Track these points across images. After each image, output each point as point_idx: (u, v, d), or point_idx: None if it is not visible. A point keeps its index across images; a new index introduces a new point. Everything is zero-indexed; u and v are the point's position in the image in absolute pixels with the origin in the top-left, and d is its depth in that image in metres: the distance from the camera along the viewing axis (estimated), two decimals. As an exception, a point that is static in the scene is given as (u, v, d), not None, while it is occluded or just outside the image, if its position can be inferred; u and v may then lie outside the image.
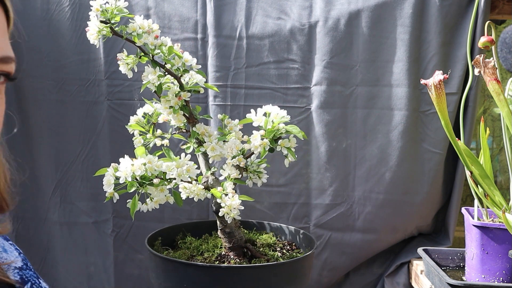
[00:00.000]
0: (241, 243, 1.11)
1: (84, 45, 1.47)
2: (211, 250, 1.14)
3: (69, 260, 1.54)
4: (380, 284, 1.57)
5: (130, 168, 0.97)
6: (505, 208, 1.04)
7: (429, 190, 1.50)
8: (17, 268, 0.59)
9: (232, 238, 1.10)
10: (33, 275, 0.61)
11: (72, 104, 1.49)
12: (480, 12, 1.40)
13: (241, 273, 1.01)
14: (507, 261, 1.11)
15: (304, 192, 1.52)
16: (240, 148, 1.09)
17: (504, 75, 1.60)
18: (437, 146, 1.48)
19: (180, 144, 1.51)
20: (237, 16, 1.47)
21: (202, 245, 1.16)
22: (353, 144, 1.50)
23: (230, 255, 1.10)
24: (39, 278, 0.63)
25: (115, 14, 1.03)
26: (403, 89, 1.46)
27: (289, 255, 1.14)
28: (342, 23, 1.45)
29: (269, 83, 1.48)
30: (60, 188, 1.52)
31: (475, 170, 1.09)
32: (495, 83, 1.01)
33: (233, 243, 1.10)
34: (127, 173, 0.97)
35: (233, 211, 1.03)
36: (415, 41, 1.44)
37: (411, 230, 1.55)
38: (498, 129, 1.75)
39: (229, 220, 1.04)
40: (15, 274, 0.59)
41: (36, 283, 0.61)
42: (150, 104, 1.16)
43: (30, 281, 0.59)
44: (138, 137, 1.17)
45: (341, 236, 1.53)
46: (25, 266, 0.61)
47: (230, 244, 1.10)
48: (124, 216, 1.53)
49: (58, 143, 1.51)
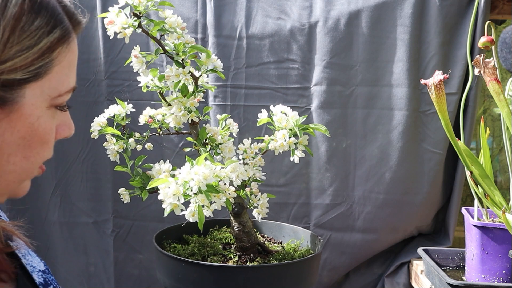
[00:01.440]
0: (256, 241, 1.12)
1: (84, 45, 1.47)
2: (221, 249, 1.14)
3: (69, 260, 1.54)
4: (380, 284, 1.57)
5: (202, 176, 0.91)
6: (505, 208, 1.04)
7: (429, 190, 1.50)
8: (41, 271, 0.62)
9: (250, 237, 1.10)
10: (54, 280, 0.64)
11: (72, 104, 1.48)
12: (480, 12, 1.40)
13: (259, 271, 1.01)
14: (507, 261, 1.11)
15: (304, 192, 1.52)
16: (258, 148, 1.10)
17: (504, 75, 1.60)
18: (437, 146, 1.48)
19: (180, 144, 1.52)
20: (237, 16, 1.47)
21: (208, 244, 1.16)
22: (353, 144, 1.50)
23: (249, 254, 1.10)
24: (58, 284, 0.66)
25: (146, 8, 0.96)
26: (403, 89, 1.46)
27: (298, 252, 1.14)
28: (342, 23, 1.45)
29: (269, 83, 1.48)
30: (60, 188, 1.52)
31: (475, 170, 1.09)
32: (495, 83, 1.01)
33: (250, 242, 1.10)
34: (200, 182, 0.88)
35: (264, 210, 1.07)
36: (415, 41, 1.44)
37: (411, 230, 1.55)
38: (498, 129, 1.75)
39: (259, 219, 1.07)
40: (39, 276, 0.61)
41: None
42: (122, 104, 1.08)
43: (52, 284, 0.62)
44: (111, 141, 1.07)
45: (341, 236, 1.53)
46: (48, 271, 0.63)
47: (248, 243, 1.10)
48: (124, 216, 1.53)
49: (58, 143, 1.50)
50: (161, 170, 1.08)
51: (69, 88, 0.60)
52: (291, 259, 1.10)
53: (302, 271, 1.05)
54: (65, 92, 0.59)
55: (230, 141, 1.10)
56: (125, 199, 1.09)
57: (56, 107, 0.60)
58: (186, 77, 1.01)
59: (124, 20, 0.97)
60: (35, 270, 0.61)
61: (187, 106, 1.05)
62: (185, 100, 1.04)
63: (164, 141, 1.50)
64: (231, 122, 1.14)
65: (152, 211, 1.52)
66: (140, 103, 1.46)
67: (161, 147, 1.49)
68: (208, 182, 0.89)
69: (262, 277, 1.00)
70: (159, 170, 1.08)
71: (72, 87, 0.61)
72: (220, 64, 1.05)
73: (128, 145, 1.07)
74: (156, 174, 1.07)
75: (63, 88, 0.59)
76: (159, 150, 1.49)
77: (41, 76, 0.55)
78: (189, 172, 0.89)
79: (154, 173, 1.07)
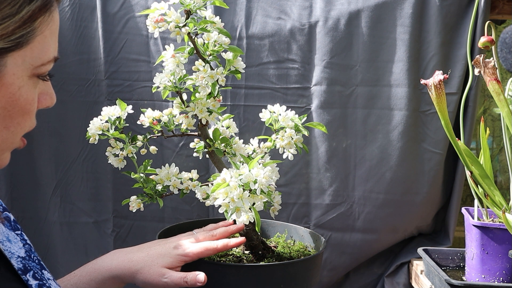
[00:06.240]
0: (260, 239, 1.12)
1: (84, 45, 1.47)
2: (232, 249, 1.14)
3: (69, 260, 1.54)
4: (380, 284, 1.57)
5: (264, 177, 0.88)
6: (505, 208, 1.04)
7: (429, 190, 1.50)
8: (20, 257, 0.62)
9: (258, 236, 1.10)
10: (36, 266, 0.63)
11: (72, 104, 1.49)
12: (480, 12, 1.40)
13: (270, 269, 1.01)
14: (507, 261, 1.11)
15: (304, 192, 1.52)
16: (265, 147, 1.10)
17: (504, 75, 1.60)
18: (437, 146, 1.48)
19: (180, 144, 1.52)
20: (237, 16, 1.47)
21: None
22: (353, 144, 1.50)
23: (257, 252, 1.10)
24: (43, 269, 0.65)
25: (197, 6, 0.91)
26: (403, 89, 1.46)
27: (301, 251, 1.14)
28: (342, 23, 1.45)
29: (269, 83, 1.49)
30: (60, 188, 1.52)
31: (475, 170, 1.09)
32: (495, 83, 1.01)
33: (258, 240, 1.10)
34: (262, 183, 0.88)
35: (277, 207, 1.08)
36: (415, 41, 1.44)
37: (411, 230, 1.55)
38: (498, 129, 1.75)
39: (273, 216, 1.09)
40: (18, 262, 0.61)
41: (38, 273, 0.63)
42: (122, 105, 1.02)
43: (33, 270, 0.62)
44: (117, 146, 1.02)
45: (341, 236, 1.53)
46: (28, 257, 0.63)
47: (256, 241, 1.10)
48: (124, 216, 1.53)
49: (58, 143, 1.51)
50: (169, 174, 1.07)
51: (51, 57, 0.60)
52: (295, 257, 1.09)
53: (309, 268, 1.05)
54: (48, 62, 0.59)
55: (240, 141, 1.09)
56: (134, 208, 1.05)
57: (38, 76, 0.59)
58: (221, 78, 0.98)
59: (178, 18, 0.93)
60: (14, 256, 0.61)
61: (209, 107, 1.01)
62: (208, 101, 1.01)
63: (164, 141, 1.50)
64: (231, 122, 1.14)
65: (152, 211, 1.52)
66: (140, 103, 1.47)
67: (161, 147, 1.49)
68: (269, 183, 0.89)
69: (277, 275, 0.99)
70: (168, 175, 1.06)
71: (54, 57, 0.60)
72: (243, 65, 1.03)
73: (135, 149, 1.03)
74: (165, 179, 1.06)
75: (46, 58, 0.59)
76: (159, 150, 1.49)
77: (22, 45, 0.55)
78: (249, 174, 0.88)
79: (163, 178, 1.06)
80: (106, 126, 1.02)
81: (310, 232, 1.19)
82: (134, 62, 1.48)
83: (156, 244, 0.98)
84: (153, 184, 1.06)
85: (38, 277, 0.62)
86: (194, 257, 0.94)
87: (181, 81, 1.00)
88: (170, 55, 0.98)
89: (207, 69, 0.98)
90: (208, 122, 1.05)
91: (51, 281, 0.64)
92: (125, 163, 1.05)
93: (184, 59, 0.98)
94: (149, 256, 0.92)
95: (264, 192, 0.88)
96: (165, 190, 1.06)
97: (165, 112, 1.06)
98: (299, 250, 1.14)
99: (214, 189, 0.90)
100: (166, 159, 1.49)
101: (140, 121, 1.05)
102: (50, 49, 0.59)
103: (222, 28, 0.99)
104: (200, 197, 1.07)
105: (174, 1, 0.94)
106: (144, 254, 0.93)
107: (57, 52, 0.62)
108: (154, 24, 0.94)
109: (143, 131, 1.07)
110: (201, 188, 1.08)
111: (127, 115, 1.03)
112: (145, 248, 0.96)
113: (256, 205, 0.89)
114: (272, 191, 0.96)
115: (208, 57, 0.99)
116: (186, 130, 1.08)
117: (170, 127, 1.06)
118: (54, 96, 0.66)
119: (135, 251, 0.95)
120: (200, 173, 1.13)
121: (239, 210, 0.87)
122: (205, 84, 0.98)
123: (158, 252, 0.93)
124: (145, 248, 0.96)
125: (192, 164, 1.46)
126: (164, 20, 0.94)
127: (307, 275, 1.04)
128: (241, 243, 1.01)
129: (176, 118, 1.06)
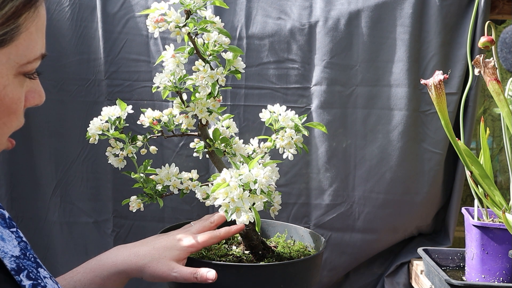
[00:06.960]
0: (260, 239, 1.12)
1: (84, 45, 1.47)
2: (230, 249, 1.14)
3: (69, 260, 1.54)
4: (380, 284, 1.57)
5: (264, 177, 0.88)
6: (505, 208, 1.04)
7: (429, 190, 1.50)
8: (14, 256, 0.60)
9: (258, 236, 1.10)
10: (31, 265, 0.62)
11: (72, 104, 1.49)
12: (480, 12, 1.40)
13: (271, 269, 1.01)
14: (507, 261, 1.11)
15: (304, 192, 1.52)
16: (265, 147, 1.11)
17: (504, 75, 1.60)
18: (437, 146, 1.48)
19: (180, 144, 1.52)
20: (237, 16, 1.47)
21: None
22: (353, 144, 1.50)
23: (257, 252, 1.10)
24: (39, 267, 0.63)
25: (196, 6, 0.91)
26: (403, 89, 1.46)
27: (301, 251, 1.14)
28: (342, 23, 1.45)
29: (269, 83, 1.49)
30: (60, 188, 1.52)
31: (475, 170, 1.09)
32: (495, 83, 1.01)
33: (258, 240, 1.10)
34: (262, 183, 0.88)
35: (277, 207, 1.10)
36: (415, 41, 1.44)
37: (411, 230, 1.55)
38: (498, 129, 1.75)
39: (273, 216, 1.10)
40: (11, 262, 0.59)
41: (33, 272, 0.61)
42: (122, 105, 1.02)
43: (27, 269, 0.60)
44: (117, 146, 1.02)
45: (341, 236, 1.53)
46: (23, 256, 0.61)
47: (256, 241, 1.10)
48: (124, 216, 1.53)
49: (58, 143, 1.51)
50: (169, 174, 1.06)
51: (38, 55, 0.58)
52: (295, 257, 1.09)
53: (309, 268, 1.05)
54: (34, 59, 0.58)
55: (240, 141, 1.09)
56: (134, 208, 1.05)
57: (25, 74, 0.57)
58: (221, 78, 0.98)
59: (178, 18, 0.93)
60: (7, 256, 0.59)
61: (209, 107, 1.01)
62: (208, 101, 1.01)
63: (164, 141, 1.50)
64: (231, 122, 1.14)
65: (152, 211, 1.51)
66: (140, 103, 1.47)
67: (161, 147, 1.49)
68: (269, 183, 0.89)
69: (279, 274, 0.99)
70: (168, 175, 1.06)
71: (41, 54, 0.59)
72: (243, 65, 1.03)
73: (135, 149, 1.03)
74: (165, 179, 1.06)
75: (32, 55, 0.57)
76: (159, 150, 1.49)
77: (6, 43, 0.53)
78: (249, 174, 0.88)
79: (163, 178, 1.06)
80: (106, 126, 1.02)
81: (310, 232, 1.19)
82: (134, 62, 1.48)
83: (158, 237, 0.98)
84: (153, 184, 1.06)
85: (33, 276, 0.61)
86: (199, 246, 0.94)
87: (181, 81, 1.00)
88: (170, 55, 0.98)
89: (207, 69, 0.98)
90: (208, 122, 1.05)
91: (47, 280, 0.63)
92: (125, 163, 1.05)
93: (184, 59, 0.99)
94: (156, 250, 0.92)
95: (264, 192, 0.88)
96: (165, 190, 1.06)
97: (165, 112, 1.06)
98: (299, 250, 1.14)
99: (214, 189, 0.90)
100: (166, 159, 1.49)
101: (140, 121, 1.05)
102: (36, 46, 0.57)
103: (222, 28, 0.99)
104: (200, 197, 1.07)
105: (174, 1, 0.94)
106: (150, 247, 0.93)
107: (45, 49, 0.60)
108: (154, 24, 0.94)
109: (143, 131, 1.07)
110: (201, 188, 1.08)
111: (127, 115, 1.03)
112: (149, 242, 0.96)
113: (256, 205, 0.89)
114: (272, 191, 0.96)
115: (208, 57, 0.99)
116: (186, 130, 1.08)
117: (170, 127, 1.06)
118: (43, 94, 0.64)
119: (139, 245, 0.94)
120: (200, 173, 1.13)
121: (239, 210, 0.87)
122: (205, 84, 0.98)
123: (164, 245, 0.93)
124: (149, 242, 0.96)
125: (192, 164, 1.46)
126: (164, 20, 0.94)
127: (307, 275, 1.03)
128: (242, 228, 1.03)
129: (176, 118, 1.06)
